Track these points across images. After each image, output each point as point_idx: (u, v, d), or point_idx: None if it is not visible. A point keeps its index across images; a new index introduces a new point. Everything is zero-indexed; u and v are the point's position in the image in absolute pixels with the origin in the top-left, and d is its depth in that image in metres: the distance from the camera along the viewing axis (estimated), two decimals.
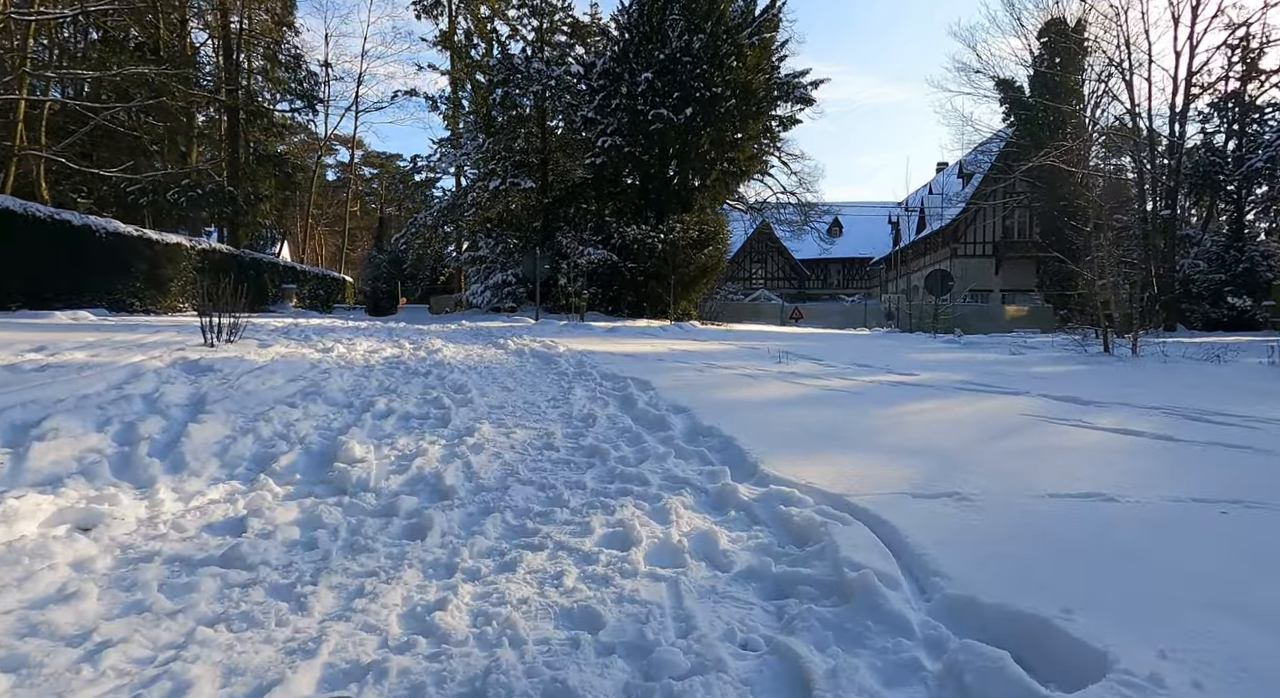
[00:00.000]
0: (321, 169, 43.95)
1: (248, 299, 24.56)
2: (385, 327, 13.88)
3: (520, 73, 21.49)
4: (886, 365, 8.49)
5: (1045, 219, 35.88)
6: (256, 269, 24.46)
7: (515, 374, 7.27)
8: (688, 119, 19.91)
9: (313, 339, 9.13)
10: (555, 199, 23.44)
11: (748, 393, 6.24)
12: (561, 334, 12.87)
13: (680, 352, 9.88)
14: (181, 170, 20.71)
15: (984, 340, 16.97)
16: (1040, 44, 35.17)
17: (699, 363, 8.31)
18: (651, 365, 8.00)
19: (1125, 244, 32.46)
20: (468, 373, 7.03)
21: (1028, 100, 35.99)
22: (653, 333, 14.38)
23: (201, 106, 22.74)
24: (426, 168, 28.32)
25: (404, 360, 7.70)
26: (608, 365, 7.62)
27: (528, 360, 8.40)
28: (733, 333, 16.27)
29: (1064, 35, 34.28)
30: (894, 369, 8.12)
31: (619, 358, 8.63)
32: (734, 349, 10.78)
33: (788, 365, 8.34)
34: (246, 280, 24.06)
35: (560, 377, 7.10)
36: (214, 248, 21.65)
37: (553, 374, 7.27)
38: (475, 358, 8.47)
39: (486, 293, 22.09)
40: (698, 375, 7.33)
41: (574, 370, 7.41)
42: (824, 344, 12.50)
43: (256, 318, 13.72)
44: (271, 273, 25.60)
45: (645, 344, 11.25)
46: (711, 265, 21.92)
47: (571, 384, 6.56)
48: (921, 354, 10.82)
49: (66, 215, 16.09)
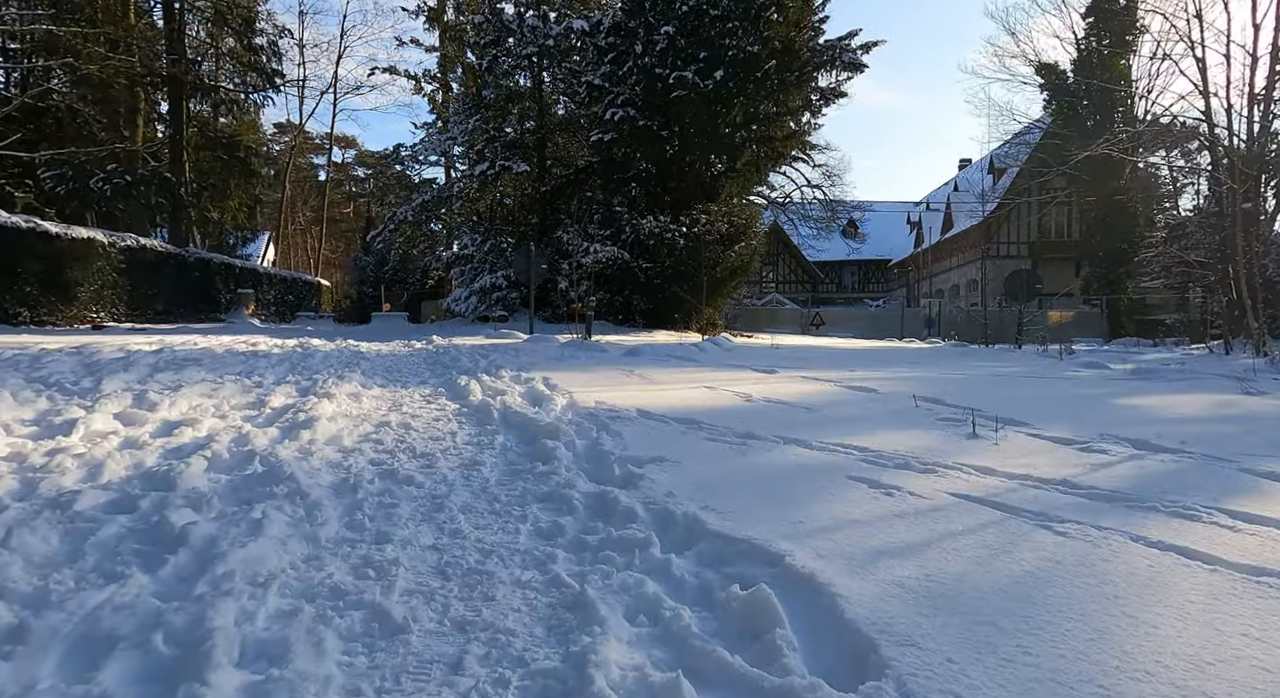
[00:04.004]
0: (299, 162, 39.65)
1: (190, 307, 20.31)
2: (285, 352, 9.58)
3: (512, 32, 17.20)
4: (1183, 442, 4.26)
5: (1090, 216, 31.70)
6: (204, 271, 20.14)
7: (436, 540, 3.01)
8: (717, 84, 15.63)
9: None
10: (554, 188, 19.14)
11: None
12: (563, 363, 8.58)
13: (769, 403, 5.61)
14: (101, 149, 16.38)
15: (1100, 354, 12.75)
16: (1086, 24, 30.95)
17: (854, 456, 3.99)
18: (783, 481, 3.72)
19: (1182, 241, 28.27)
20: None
21: (1070, 85, 31.83)
22: (688, 355, 10.11)
23: (137, 78, 18.38)
24: (409, 156, 24.05)
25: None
26: (677, 476, 3.33)
27: (488, 449, 4.07)
28: (781, 352, 12.00)
29: (1113, 13, 30.14)
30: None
31: (678, 435, 4.36)
32: (836, 394, 6.50)
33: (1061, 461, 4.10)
34: (188, 285, 19.80)
35: (554, 544, 2.83)
36: (143, 246, 17.33)
37: (543, 518, 2.99)
38: (362, 452, 4.19)
39: (472, 299, 17.79)
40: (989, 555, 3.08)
41: (591, 501, 3.07)
42: (946, 373, 8.26)
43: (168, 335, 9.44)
44: (225, 276, 21.29)
45: (692, 382, 6.98)
46: (741, 265, 17.63)
47: (598, 607, 2.23)
48: (1133, 398, 6.56)
49: None
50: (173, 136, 19.49)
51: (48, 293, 14.55)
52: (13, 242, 13.74)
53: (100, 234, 16.09)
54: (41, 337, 10.25)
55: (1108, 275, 30.80)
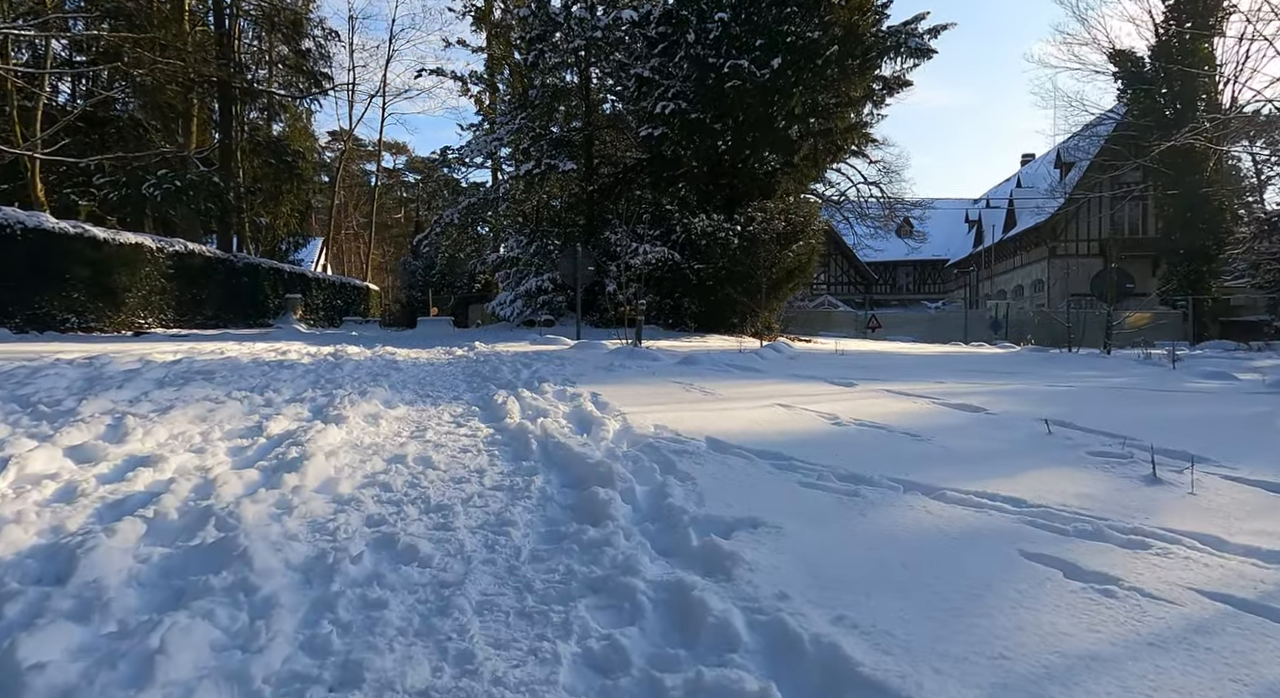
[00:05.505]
0: (352, 169, 39.84)
1: (238, 312, 20.09)
2: (314, 361, 8.89)
3: (559, 25, 16.41)
4: None
5: (1169, 212, 29.44)
6: (253, 277, 19.91)
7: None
8: (774, 74, 14.54)
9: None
10: (601, 187, 18.30)
11: None
12: (612, 373, 7.67)
13: (863, 428, 4.58)
14: (151, 152, 16.17)
15: (1207, 361, 11.26)
16: (1165, 6, 28.76)
17: (1011, 515, 2.93)
18: (936, 563, 2.73)
19: (1274, 237, 25.96)
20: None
21: (1147, 73, 29.67)
22: (749, 364, 9.10)
23: (189, 83, 18.22)
24: (456, 158, 23.55)
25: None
26: (782, 553, 2.35)
27: (523, 497, 3.15)
28: (849, 359, 10.89)
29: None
30: None
31: (766, 479, 3.38)
32: (938, 414, 5.42)
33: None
34: (236, 291, 19.58)
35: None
36: (191, 251, 17.09)
37: (594, 629, 2.07)
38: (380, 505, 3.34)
39: (517, 302, 17.06)
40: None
41: (663, 598, 2.08)
42: (1049, 385, 7.08)
43: (209, 342, 8.91)
44: (273, 281, 21.06)
45: (762, 398, 5.97)
46: (799, 266, 16.47)
47: None
48: None
49: None
50: (222, 141, 19.31)
51: (95, 299, 14.32)
52: (61, 248, 13.51)
53: (148, 239, 15.86)
54: (74, 344, 9.82)
55: (1189, 274, 28.57)
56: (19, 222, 12.65)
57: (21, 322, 12.63)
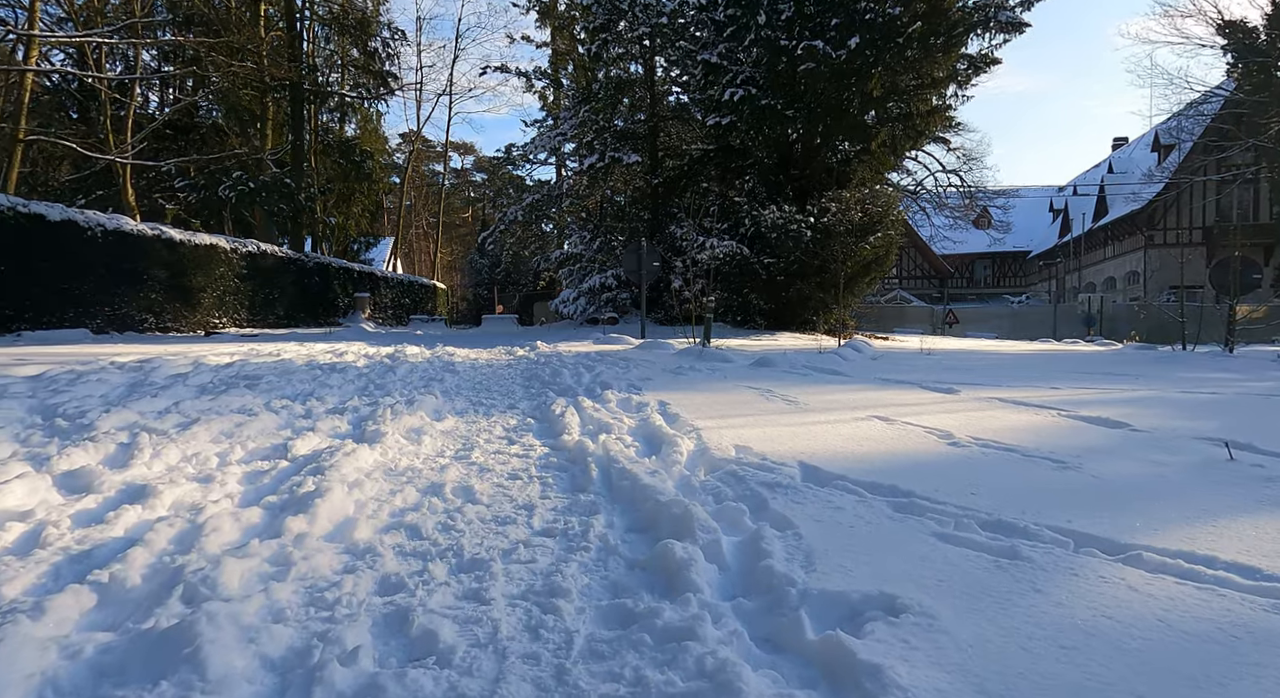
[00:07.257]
0: (421, 169, 40.36)
1: (308, 311, 20.31)
2: (369, 363, 8.51)
3: (623, 13, 15.78)
4: None
5: None
6: (323, 276, 20.08)
7: None
8: (851, 54, 13.53)
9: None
10: (666, 180, 17.62)
11: None
12: (681, 377, 6.99)
13: (987, 450, 3.76)
14: (224, 154, 16.38)
15: None
16: None
17: (1249, 598, 2.08)
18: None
19: None
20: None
21: (1261, 45, 26.98)
22: (830, 365, 8.27)
23: (264, 86, 18.45)
24: (520, 155, 23.29)
25: None
26: (941, 667, 1.61)
27: (579, 549, 2.48)
28: (937, 359, 9.90)
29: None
30: None
31: (888, 527, 2.62)
32: (1073, 430, 4.52)
33: None
34: (307, 290, 19.77)
35: None
36: (264, 251, 17.27)
37: None
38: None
39: (580, 300, 16.57)
40: None
41: None
42: (1183, 391, 6.03)
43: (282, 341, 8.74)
44: (343, 280, 21.23)
45: (854, 408, 5.19)
46: (877, 259, 15.43)
47: None
48: None
49: (39, 208, 11.78)
50: (294, 143, 19.52)
51: (172, 299, 14.53)
52: (139, 249, 13.73)
53: (222, 240, 16.06)
54: (144, 346, 9.78)
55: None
56: (99, 223, 12.87)
57: (101, 322, 12.85)
